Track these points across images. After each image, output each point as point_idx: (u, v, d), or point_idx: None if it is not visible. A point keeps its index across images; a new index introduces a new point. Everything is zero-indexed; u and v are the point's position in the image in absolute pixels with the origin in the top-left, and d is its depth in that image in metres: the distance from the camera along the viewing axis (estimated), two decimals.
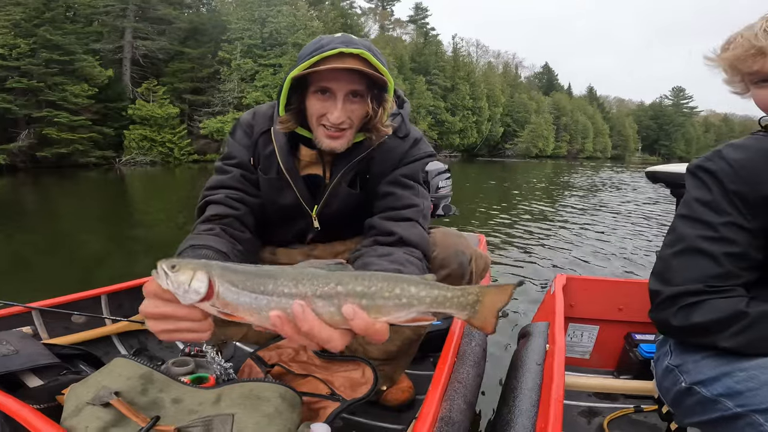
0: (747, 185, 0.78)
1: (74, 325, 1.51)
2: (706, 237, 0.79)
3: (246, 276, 0.58)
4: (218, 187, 1.10)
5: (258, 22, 25.74)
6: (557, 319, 1.36)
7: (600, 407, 1.47)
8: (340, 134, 1.01)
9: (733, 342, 0.74)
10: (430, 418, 0.91)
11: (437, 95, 38.35)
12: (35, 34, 18.48)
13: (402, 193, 1.09)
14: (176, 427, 0.80)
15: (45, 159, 18.55)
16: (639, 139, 73.58)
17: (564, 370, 1.09)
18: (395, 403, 1.34)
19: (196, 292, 0.57)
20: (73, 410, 0.82)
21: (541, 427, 0.93)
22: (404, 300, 0.57)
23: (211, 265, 0.59)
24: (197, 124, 24.83)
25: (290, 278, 0.57)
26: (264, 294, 0.57)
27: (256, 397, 0.88)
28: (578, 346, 1.75)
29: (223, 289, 0.58)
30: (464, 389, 1.16)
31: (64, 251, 4.78)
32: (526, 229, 5.81)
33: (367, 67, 0.94)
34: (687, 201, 0.85)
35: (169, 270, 0.58)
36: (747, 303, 0.75)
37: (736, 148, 0.82)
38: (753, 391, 0.68)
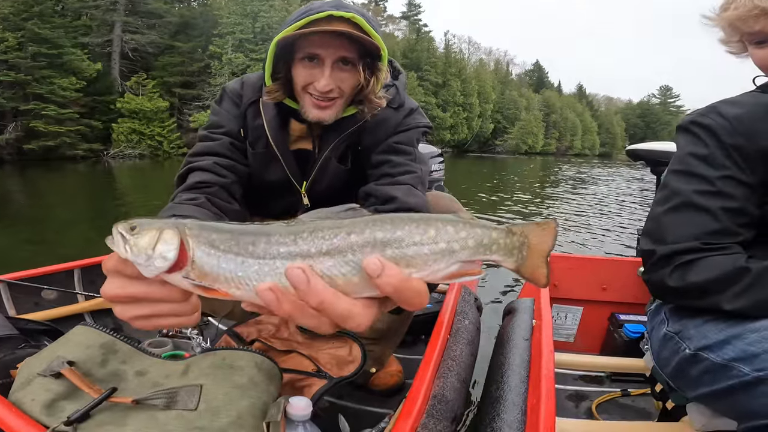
0: (745, 138, 0.74)
1: (45, 301, 1.42)
2: (703, 191, 0.75)
3: (230, 235, 0.43)
4: (204, 153, 1.00)
5: (250, 16, 25.58)
6: (543, 294, 1.34)
7: (587, 391, 1.44)
8: (329, 104, 0.93)
9: (737, 304, 0.68)
10: (421, 395, 0.86)
11: (429, 91, 38.41)
12: (23, 28, 18.25)
13: (397, 159, 1.02)
14: (135, 399, 0.70)
15: (32, 151, 18.37)
16: (626, 136, 74.53)
17: (552, 344, 1.06)
18: (384, 388, 1.29)
19: (162, 258, 0.42)
20: (22, 382, 0.75)
21: (533, 403, 0.89)
22: (442, 244, 0.41)
23: (183, 224, 0.44)
24: (187, 117, 24.66)
25: (288, 233, 0.42)
26: (253, 257, 0.42)
27: (228, 366, 0.78)
28: (563, 328, 1.72)
29: (200, 252, 0.42)
30: (458, 367, 1.11)
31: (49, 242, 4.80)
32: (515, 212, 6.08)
33: (358, 32, 0.86)
34: (680, 157, 0.81)
35: (127, 233, 0.43)
36: (747, 259, 0.70)
37: (732, 104, 0.79)
38: None
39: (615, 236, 4.87)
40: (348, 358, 1.02)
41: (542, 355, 0.99)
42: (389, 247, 0.40)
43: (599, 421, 1.26)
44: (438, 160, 2.59)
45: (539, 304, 1.30)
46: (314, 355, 1.04)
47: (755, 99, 0.79)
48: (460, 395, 1.04)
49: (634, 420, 1.27)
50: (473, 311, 1.43)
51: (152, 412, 0.70)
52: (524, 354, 1.11)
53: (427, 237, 0.41)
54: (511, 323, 1.30)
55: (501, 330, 1.35)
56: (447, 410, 0.93)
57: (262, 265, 0.41)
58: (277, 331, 1.11)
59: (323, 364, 1.01)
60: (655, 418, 1.08)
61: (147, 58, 24.94)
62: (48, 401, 0.70)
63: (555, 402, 0.82)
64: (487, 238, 0.43)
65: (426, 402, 0.89)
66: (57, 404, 0.71)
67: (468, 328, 1.31)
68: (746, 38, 0.81)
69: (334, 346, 1.06)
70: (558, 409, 1.28)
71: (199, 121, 23.85)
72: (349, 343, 1.05)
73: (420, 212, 0.86)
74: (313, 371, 0.99)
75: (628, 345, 1.48)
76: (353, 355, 1.02)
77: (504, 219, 6.09)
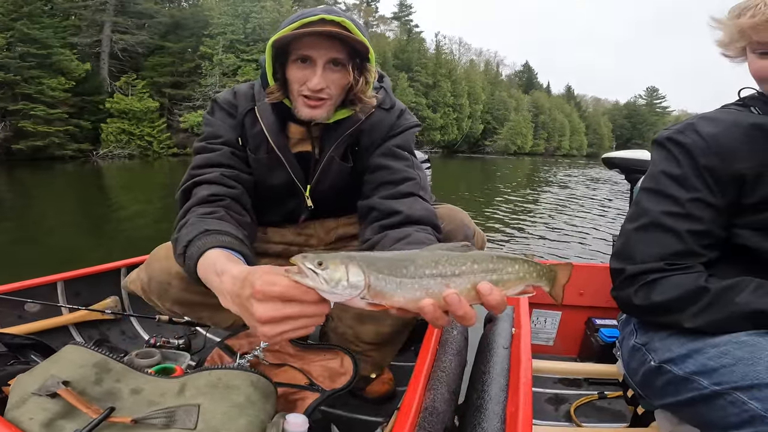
0: (719, 160, 0.74)
1: (28, 313, 1.40)
2: (671, 213, 0.76)
3: (387, 262, 0.56)
4: (207, 165, 1.01)
5: (241, 17, 25.55)
6: (522, 302, 1.37)
7: (566, 394, 1.46)
8: (320, 103, 0.96)
9: (696, 322, 0.71)
10: (414, 408, 0.88)
11: (419, 92, 38.67)
12: (13, 28, 18.17)
13: (396, 165, 1.03)
14: (134, 418, 0.72)
15: (20, 151, 18.27)
16: (613, 137, 75.42)
17: (531, 353, 1.08)
18: (375, 396, 1.28)
19: (355, 287, 0.54)
20: (17, 401, 0.75)
21: (512, 411, 0.91)
22: (521, 274, 0.63)
23: (354, 257, 0.56)
24: (177, 117, 24.61)
25: (429, 260, 0.58)
26: (407, 277, 0.56)
27: (224, 385, 0.80)
28: (542, 332, 1.75)
29: (374, 278, 0.55)
30: (447, 378, 1.11)
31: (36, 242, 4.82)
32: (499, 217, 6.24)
33: (348, 34, 0.91)
34: (653, 174, 0.82)
35: (316, 267, 0.54)
36: (706, 279, 0.72)
37: (709, 121, 0.79)
38: (729, 367, 0.64)
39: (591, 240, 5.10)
40: (340, 370, 1.03)
41: (521, 364, 1.02)
42: (496, 273, 0.60)
43: (574, 427, 1.31)
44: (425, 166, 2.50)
45: (518, 312, 1.33)
46: (306, 367, 1.04)
47: (733, 117, 0.78)
48: (449, 406, 1.05)
49: (609, 422, 1.32)
50: None
51: (151, 431, 0.71)
52: (504, 362, 1.13)
53: (514, 269, 0.61)
54: (491, 331, 1.32)
55: (482, 338, 1.37)
56: (438, 422, 0.95)
57: (414, 283, 0.56)
58: None
59: (315, 377, 1.01)
60: (629, 420, 1.14)
61: (137, 58, 24.80)
62: (46, 421, 0.71)
63: (532, 409, 0.85)
64: (541, 273, 0.65)
65: (418, 414, 0.91)
66: (55, 423, 0.71)
67: (456, 338, 1.33)
68: (752, 47, 0.79)
69: (326, 358, 1.06)
70: (538, 412, 1.36)
71: (189, 121, 23.87)
72: (341, 355, 1.05)
73: (425, 222, 0.94)
74: (305, 384, 0.99)
75: (603, 349, 1.52)
76: (345, 366, 1.03)
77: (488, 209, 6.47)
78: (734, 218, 0.76)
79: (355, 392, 1.27)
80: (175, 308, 1.08)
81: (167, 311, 1.11)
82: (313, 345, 1.09)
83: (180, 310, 1.09)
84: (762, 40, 0.76)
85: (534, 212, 7.25)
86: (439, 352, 1.17)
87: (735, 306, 0.68)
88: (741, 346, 0.65)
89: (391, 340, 1.18)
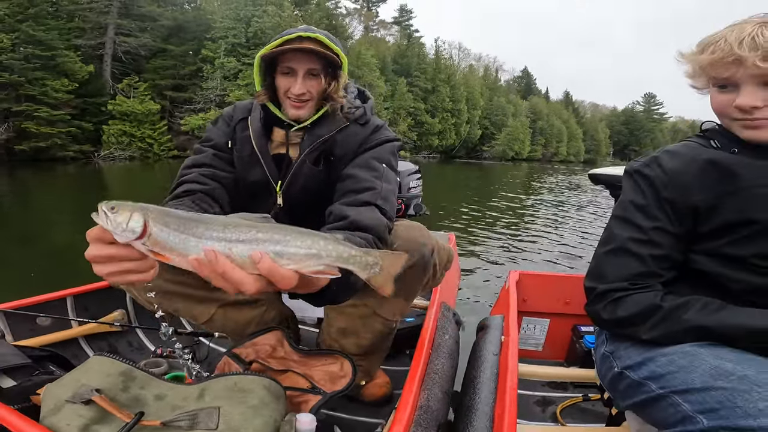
0: (678, 193, 0.82)
1: (40, 327, 1.47)
2: (636, 239, 0.84)
3: (180, 219, 0.61)
4: (192, 166, 1.18)
5: (243, 21, 25.64)
6: (511, 312, 1.45)
7: (553, 396, 1.54)
8: (302, 104, 1.16)
9: (651, 334, 0.79)
10: (410, 406, 0.95)
11: (418, 97, 38.89)
12: (18, 30, 18.31)
13: (363, 175, 1.10)
14: (162, 421, 0.78)
15: (22, 152, 18.40)
16: (611, 143, 75.71)
17: (518, 360, 1.16)
18: (374, 399, 1.36)
19: (132, 231, 0.59)
20: (51, 409, 0.80)
21: (499, 413, 0.98)
22: (313, 250, 0.61)
23: (147, 208, 0.61)
24: (178, 120, 24.70)
25: (219, 224, 0.60)
26: (193, 236, 0.60)
27: (240, 389, 0.87)
28: (532, 338, 1.85)
29: (156, 229, 0.60)
30: (440, 379, 1.20)
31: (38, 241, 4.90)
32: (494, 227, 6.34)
33: (322, 49, 1.10)
34: (623, 202, 0.89)
35: (108, 211, 0.60)
36: (662, 297, 0.80)
37: (672, 156, 0.86)
38: (672, 374, 0.72)
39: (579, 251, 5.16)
40: (340, 374, 1.11)
41: (508, 369, 1.10)
42: (279, 244, 0.60)
43: (558, 426, 1.41)
44: (415, 177, 2.57)
45: (508, 321, 1.41)
46: (308, 372, 1.12)
47: (693, 153, 0.85)
48: (443, 405, 1.13)
49: (591, 423, 1.41)
50: (453, 326, 1.55)
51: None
52: (494, 368, 1.21)
53: (305, 244, 0.61)
54: (483, 339, 1.41)
55: (474, 345, 1.46)
56: (432, 419, 1.02)
57: (197, 243, 0.59)
58: (274, 351, 1.18)
59: (317, 381, 1.09)
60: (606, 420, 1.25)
61: (139, 61, 24.89)
62: (82, 426, 0.76)
63: (517, 410, 0.93)
64: (346, 254, 0.63)
65: (414, 412, 0.98)
66: (91, 428, 0.76)
67: (448, 342, 1.41)
68: (712, 81, 0.84)
69: (326, 363, 1.14)
70: (526, 413, 1.45)
71: (190, 124, 23.97)
72: (340, 360, 1.14)
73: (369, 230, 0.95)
74: (308, 388, 1.06)
75: (587, 354, 1.62)
76: (344, 370, 1.11)
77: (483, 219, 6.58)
78: (690, 245, 0.84)
79: (356, 396, 1.35)
80: (150, 297, 1.14)
81: (146, 302, 1.17)
82: (314, 351, 1.19)
83: (155, 300, 1.15)
84: (719, 76, 0.81)
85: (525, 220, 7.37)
86: (432, 355, 1.26)
87: (683, 322, 0.76)
88: (684, 356, 0.73)
89: (373, 350, 1.28)
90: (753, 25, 0.78)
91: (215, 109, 24.70)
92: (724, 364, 0.68)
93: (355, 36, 38.78)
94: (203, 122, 23.74)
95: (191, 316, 1.23)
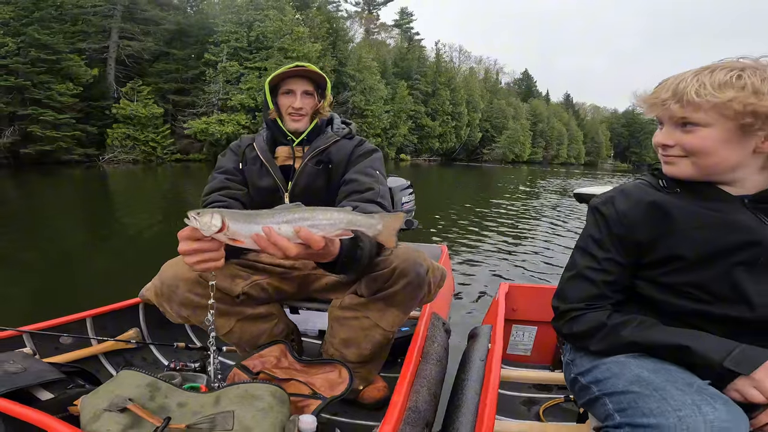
0: (626, 231, 0.93)
1: (63, 345, 1.60)
2: (592, 268, 0.96)
3: (243, 215, 0.86)
4: (210, 192, 1.44)
5: (245, 25, 25.71)
6: (498, 322, 1.58)
7: (538, 397, 1.65)
8: (300, 118, 1.48)
9: (598, 346, 0.92)
10: (399, 407, 1.07)
11: (418, 100, 39.07)
12: (24, 33, 18.45)
13: (363, 180, 1.39)
14: (186, 424, 0.90)
15: (27, 155, 18.54)
16: (612, 146, 75.75)
17: (501, 365, 1.29)
18: (372, 401, 1.47)
19: (215, 226, 0.83)
20: (91, 417, 0.91)
21: (481, 410, 1.11)
22: (332, 221, 0.86)
23: (221, 210, 0.85)
24: (181, 124, 24.78)
25: (268, 213, 0.86)
26: (254, 223, 0.85)
27: (251, 396, 0.98)
28: (521, 344, 1.98)
29: (230, 223, 0.84)
30: (428, 383, 1.32)
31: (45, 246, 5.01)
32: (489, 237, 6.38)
33: (312, 75, 1.48)
34: (584, 235, 1.02)
35: (195, 215, 0.85)
36: (608, 316, 0.93)
37: (624, 198, 0.96)
38: (607, 379, 0.85)
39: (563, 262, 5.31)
40: (338, 380, 1.22)
41: (492, 373, 1.23)
42: (309, 221, 0.85)
43: (532, 422, 1.52)
44: (408, 192, 2.65)
45: (495, 330, 1.54)
46: (310, 380, 1.23)
47: (640, 195, 0.95)
48: (430, 406, 1.26)
49: (567, 421, 1.51)
50: (441, 335, 1.68)
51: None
52: (480, 372, 1.35)
53: (326, 217, 0.86)
54: (472, 346, 1.54)
55: (465, 351, 1.60)
56: (420, 419, 1.15)
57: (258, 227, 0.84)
58: (278, 362, 1.31)
59: (318, 387, 1.21)
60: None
61: (142, 65, 25.00)
62: (120, 431, 0.88)
63: (496, 407, 1.07)
64: (355, 219, 0.87)
65: (403, 412, 1.10)
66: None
67: (437, 350, 1.54)
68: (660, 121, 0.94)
69: (326, 371, 1.26)
70: (512, 412, 1.57)
71: (193, 128, 24.09)
72: (338, 368, 1.26)
73: None
74: (309, 394, 1.18)
75: None
76: (342, 377, 1.23)
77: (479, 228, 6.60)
78: (635, 273, 0.96)
79: (355, 400, 1.47)
80: (182, 311, 1.30)
81: (175, 314, 1.33)
82: (314, 360, 1.31)
83: (185, 313, 1.30)
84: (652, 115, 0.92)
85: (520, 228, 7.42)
86: (422, 362, 1.40)
87: (621, 337, 0.89)
88: (617, 365, 0.86)
89: (372, 359, 1.41)
90: (695, 71, 0.87)
91: (217, 112, 24.84)
92: (642, 372, 0.81)
93: (355, 39, 38.71)
94: (206, 126, 23.94)
95: (215, 328, 1.38)
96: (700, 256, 0.87)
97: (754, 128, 0.83)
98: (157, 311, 1.39)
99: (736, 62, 0.86)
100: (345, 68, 30.89)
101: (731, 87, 0.82)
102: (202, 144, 24.54)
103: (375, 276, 1.26)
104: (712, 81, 0.83)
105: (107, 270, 4.17)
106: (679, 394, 0.73)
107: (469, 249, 5.49)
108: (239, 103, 24.67)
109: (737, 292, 0.85)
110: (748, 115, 0.81)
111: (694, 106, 0.84)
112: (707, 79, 0.84)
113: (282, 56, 24.92)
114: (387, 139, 34.48)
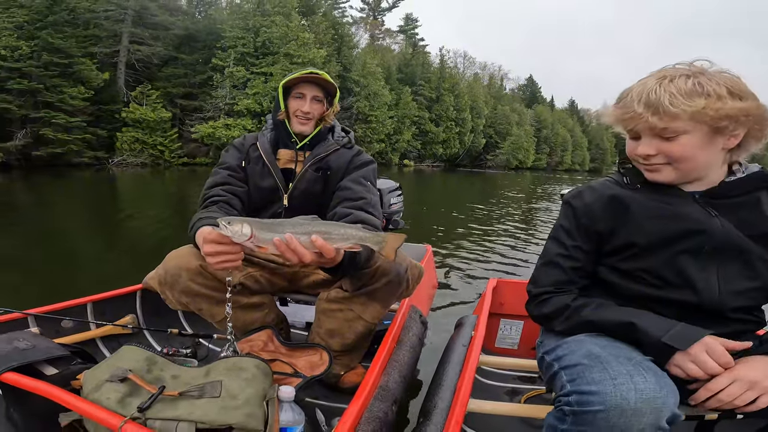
0: (590, 221, 1.01)
1: (64, 329, 1.67)
2: (561, 254, 1.04)
3: (268, 224, 0.98)
4: (212, 186, 1.49)
5: (252, 31, 25.94)
6: (483, 312, 1.67)
7: (521, 388, 1.71)
8: (307, 121, 1.54)
9: (562, 326, 0.99)
10: (369, 385, 1.16)
11: (422, 106, 39.11)
12: (37, 37, 18.68)
13: (356, 188, 1.47)
14: (179, 392, 0.99)
15: (39, 158, 18.74)
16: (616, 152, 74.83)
17: (480, 350, 1.36)
18: (351, 386, 1.51)
19: (245, 235, 0.96)
20: (93, 387, 0.99)
21: (458, 389, 1.18)
22: (345, 236, 0.99)
23: (248, 220, 0.98)
24: (189, 128, 24.99)
25: (290, 224, 0.99)
26: (277, 232, 0.97)
27: (237, 368, 1.07)
28: (508, 338, 2.05)
29: (257, 232, 0.97)
30: (400, 366, 1.44)
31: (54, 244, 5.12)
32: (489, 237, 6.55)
33: (324, 83, 1.53)
34: (556, 225, 1.09)
35: (226, 224, 0.97)
36: (573, 299, 1.00)
37: (591, 191, 1.04)
38: (566, 355, 0.90)
39: None
40: (319, 362, 1.34)
41: (471, 357, 1.31)
42: (325, 234, 0.99)
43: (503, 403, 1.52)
44: (396, 194, 2.74)
45: (479, 320, 1.62)
46: (293, 361, 1.33)
47: (604, 190, 1.03)
48: (400, 386, 1.37)
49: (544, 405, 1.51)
50: (418, 326, 1.82)
51: (191, 400, 0.97)
52: (461, 356, 1.44)
53: (340, 232, 1.00)
54: (457, 333, 1.65)
55: (450, 338, 1.71)
56: (388, 396, 1.26)
57: (281, 235, 0.98)
58: (265, 346, 1.41)
59: (300, 368, 1.30)
60: None
61: (151, 69, 25.21)
62: (119, 398, 0.96)
63: (472, 386, 1.14)
64: (364, 236, 1.01)
65: (374, 389, 1.20)
66: (126, 400, 0.96)
67: (411, 338, 1.65)
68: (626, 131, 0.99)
69: (308, 354, 1.37)
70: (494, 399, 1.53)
71: (200, 132, 24.32)
72: (320, 351, 1.37)
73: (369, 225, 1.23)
74: (291, 373, 1.27)
75: None
76: (323, 359, 1.34)
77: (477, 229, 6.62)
78: (598, 260, 1.04)
79: (335, 384, 1.54)
80: (182, 298, 1.36)
81: (176, 301, 1.38)
82: (298, 344, 1.42)
83: (185, 300, 1.36)
84: (626, 128, 0.97)
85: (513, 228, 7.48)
86: (396, 348, 1.52)
87: (580, 318, 0.97)
88: (575, 343, 0.92)
89: (354, 348, 1.52)
90: (654, 80, 0.90)
91: (224, 117, 25.05)
92: (594, 348, 0.87)
93: (360, 45, 38.93)
94: (212, 130, 24.15)
95: (210, 315, 1.44)
96: (650, 243, 0.95)
97: (728, 129, 0.88)
98: (153, 298, 1.50)
99: (684, 69, 0.91)
100: (349, 74, 31.12)
101: (698, 95, 0.86)
102: (209, 148, 24.75)
103: (359, 274, 1.36)
104: (679, 90, 0.87)
105: (113, 267, 4.32)
106: (618, 366, 0.79)
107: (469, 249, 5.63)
108: (245, 107, 24.91)
109: (682, 277, 0.93)
110: (723, 119, 0.86)
111: (671, 116, 0.87)
112: (673, 88, 0.87)
113: (288, 62, 25.16)
114: (391, 145, 34.63)
